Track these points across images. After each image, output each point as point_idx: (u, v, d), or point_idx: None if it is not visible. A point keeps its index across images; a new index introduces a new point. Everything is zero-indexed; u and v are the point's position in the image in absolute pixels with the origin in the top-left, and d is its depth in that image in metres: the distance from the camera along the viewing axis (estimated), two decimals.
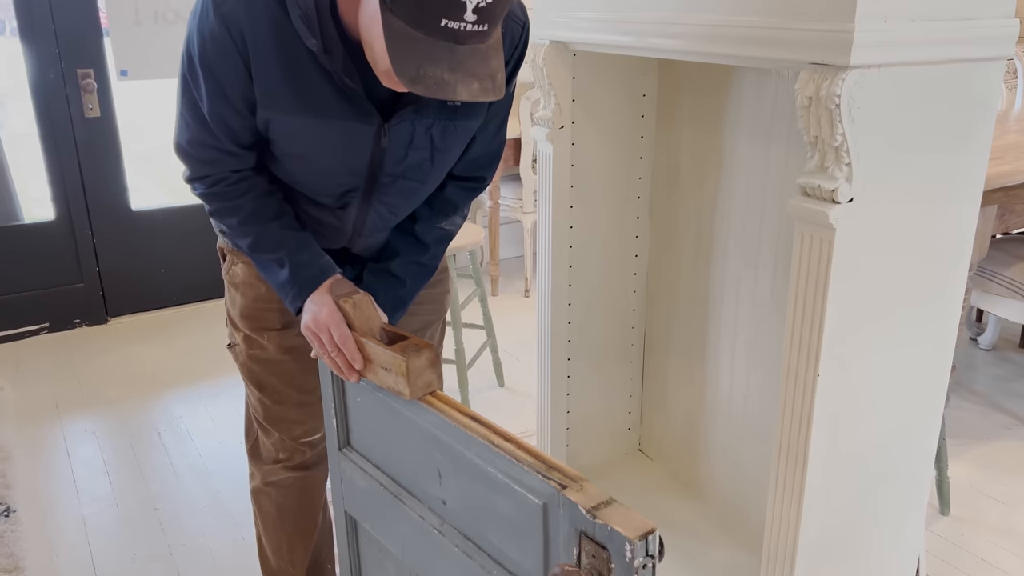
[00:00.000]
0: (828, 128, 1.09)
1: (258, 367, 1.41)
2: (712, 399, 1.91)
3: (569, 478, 0.91)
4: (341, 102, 1.14)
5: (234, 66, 1.10)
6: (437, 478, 1.11)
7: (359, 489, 1.29)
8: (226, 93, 1.13)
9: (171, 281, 3.50)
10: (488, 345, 2.68)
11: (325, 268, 1.25)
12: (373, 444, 1.25)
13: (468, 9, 0.93)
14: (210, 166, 1.21)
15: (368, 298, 1.21)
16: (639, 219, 1.98)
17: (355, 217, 1.29)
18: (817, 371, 1.20)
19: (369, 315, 1.20)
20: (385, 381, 1.12)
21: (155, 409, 2.72)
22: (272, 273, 1.26)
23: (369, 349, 1.14)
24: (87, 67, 3.15)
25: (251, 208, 1.24)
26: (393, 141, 1.19)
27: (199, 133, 1.18)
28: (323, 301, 1.20)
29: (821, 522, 1.30)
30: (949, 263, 1.29)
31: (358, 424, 1.27)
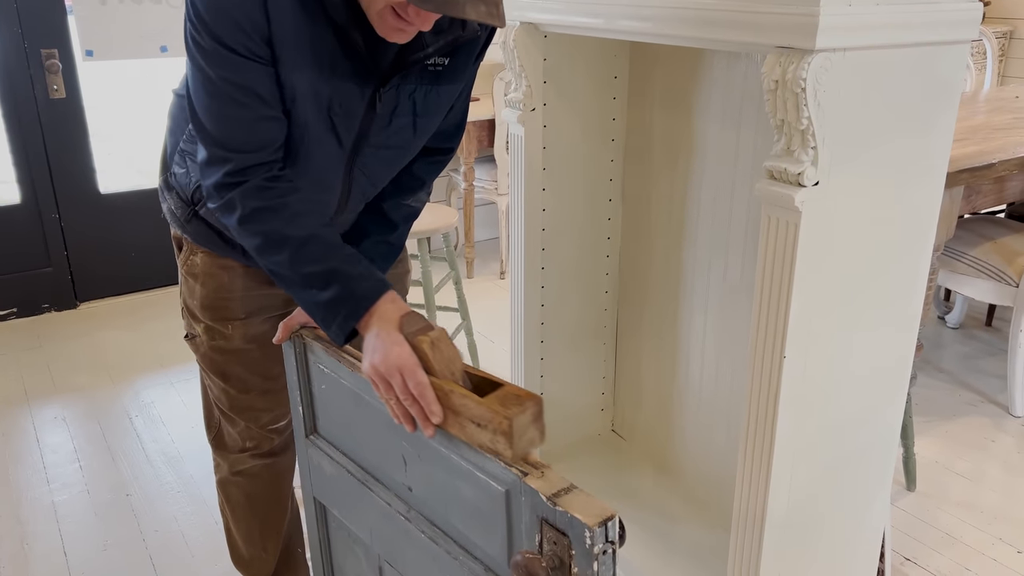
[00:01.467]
0: (794, 112, 1.09)
1: (221, 357, 1.38)
2: (684, 380, 1.93)
3: (531, 465, 0.91)
4: (345, 61, 1.11)
5: (256, 6, 1.03)
6: (403, 465, 1.11)
7: (327, 476, 1.29)
8: (247, 43, 1.05)
9: (141, 265, 3.45)
10: (463, 328, 2.68)
11: (380, 281, 1.09)
12: (339, 431, 1.24)
13: None
14: (248, 154, 1.09)
15: (446, 334, 1.03)
16: (611, 202, 1.98)
17: (339, 192, 1.26)
18: (783, 352, 1.21)
19: (450, 356, 1.01)
20: (476, 438, 0.94)
21: (126, 395, 2.69)
22: (312, 294, 1.09)
23: (455, 400, 0.96)
24: (51, 47, 3.08)
25: (295, 209, 1.10)
26: (383, 107, 1.17)
27: (228, 107, 1.07)
28: (393, 339, 1.01)
29: (788, 499, 1.32)
30: (914, 245, 1.31)
31: (324, 411, 1.26)
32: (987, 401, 2.54)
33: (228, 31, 1.05)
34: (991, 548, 1.88)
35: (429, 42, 1.16)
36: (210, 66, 1.07)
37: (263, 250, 1.11)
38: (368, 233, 1.34)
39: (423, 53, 1.16)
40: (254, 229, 1.10)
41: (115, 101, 4.06)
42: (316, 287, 1.08)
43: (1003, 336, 2.97)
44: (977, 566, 1.82)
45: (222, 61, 1.06)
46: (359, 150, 1.22)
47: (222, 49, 1.06)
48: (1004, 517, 1.98)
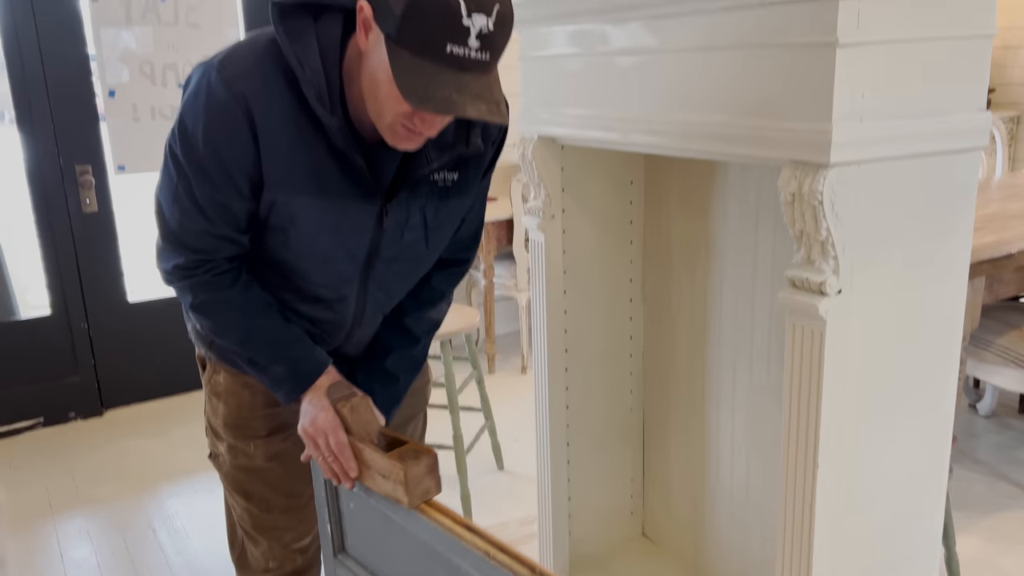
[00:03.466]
0: (812, 223, 1.11)
1: (244, 476, 1.38)
2: (714, 482, 1.89)
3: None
4: (347, 182, 1.15)
5: (242, 143, 1.09)
6: None
7: None
8: (230, 173, 1.10)
9: (166, 371, 3.48)
10: (486, 428, 2.66)
11: (321, 360, 1.25)
12: (369, 551, 1.23)
13: (472, 35, 0.98)
14: (202, 254, 1.18)
15: (366, 401, 1.20)
16: (632, 301, 2.00)
17: (354, 307, 1.28)
18: (816, 462, 1.19)
19: (367, 419, 1.19)
20: (383, 488, 1.11)
21: (150, 505, 2.68)
22: (262, 369, 1.24)
23: (367, 455, 1.13)
24: (85, 163, 3.20)
25: (241, 300, 1.21)
26: (391, 222, 1.20)
27: (194, 219, 1.14)
28: (321, 404, 1.19)
29: None
30: (941, 344, 1.30)
31: (353, 530, 1.25)
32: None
33: (210, 155, 1.10)
34: None
35: (433, 157, 1.20)
36: (181, 178, 1.13)
37: (215, 332, 1.24)
38: (392, 348, 1.35)
39: (428, 168, 1.19)
40: (205, 315, 1.22)
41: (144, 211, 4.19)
42: (263, 366, 1.23)
43: None
44: None
45: (197, 179, 1.12)
46: (372, 265, 1.25)
47: (196, 172, 1.11)
48: None
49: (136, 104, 3.22)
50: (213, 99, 1.08)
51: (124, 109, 3.20)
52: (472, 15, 0.97)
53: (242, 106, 1.08)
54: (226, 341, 1.24)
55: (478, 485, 2.59)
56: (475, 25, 0.98)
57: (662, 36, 1.33)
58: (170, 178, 1.15)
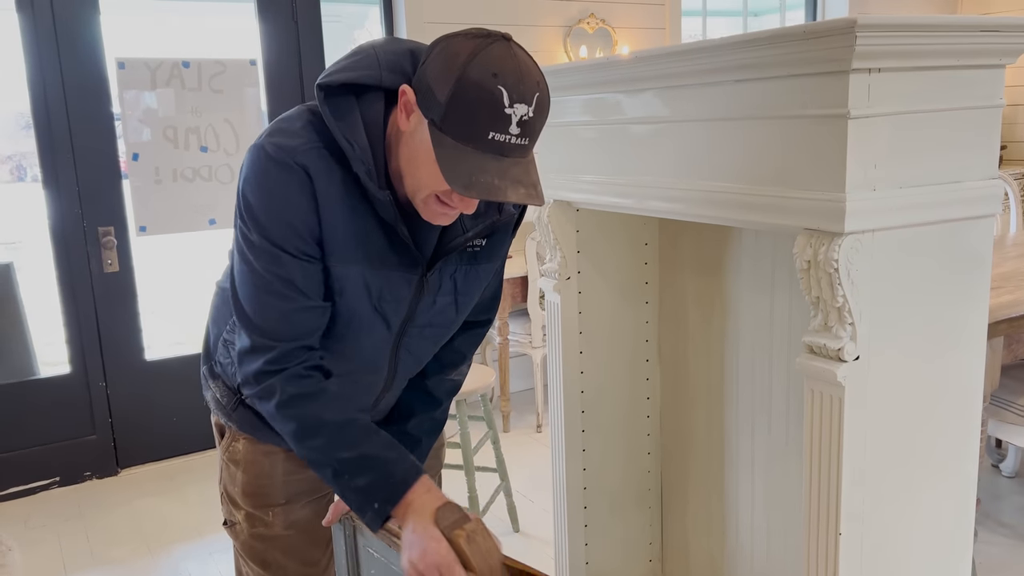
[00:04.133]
0: (828, 290, 1.13)
1: (262, 544, 1.37)
2: (734, 544, 1.87)
3: None
4: (393, 253, 1.18)
5: (308, 206, 1.11)
6: None
7: None
8: (303, 236, 1.11)
9: (183, 429, 3.49)
10: (502, 489, 2.64)
11: (414, 466, 1.14)
12: None
13: (513, 123, 1.02)
14: (292, 340, 1.14)
15: (482, 526, 1.06)
16: (648, 362, 2.00)
17: (386, 374, 1.30)
18: (839, 529, 1.18)
19: (488, 549, 1.03)
20: None
21: (164, 566, 2.66)
22: (347, 480, 1.12)
23: None
24: (108, 225, 3.27)
25: (332, 395, 1.15)
26: (428, 290, 1.23)
27: (277, 298, 1.12)
28: (430, 534, 1.04)
29: None
30: (961, 407, 1.29)
31: None
32: None
33: (280, 232, 1.12)
34: None
35: (469, 226, 1.23)
36: (258, 261, 1.14)
37: (299, 435, 1.16)
38: (414, 411, 1.37)
39: (463, 237, 1.23)
40: (291, 414, 1.15)
41: (163, 271, 4.25)
42: (351, 473, 1.13)
43: None
44: None
45: (271, 258, 1.13)
46: (405, 331, 1.27)
47: (272, 247, 1.13)
48: None
49: (159, 167, 3.29)
50: (273, 166, 1.10)
51: (147, 172, 3.28)
52: (515, 104, 1.01)
53: (303, 175, 1.10)
54: (308, 446, 1.14)
55: None
56: (516, 113, 1.02)
57: (675, 106, 1.36)
58: (246, 264, 1.14)
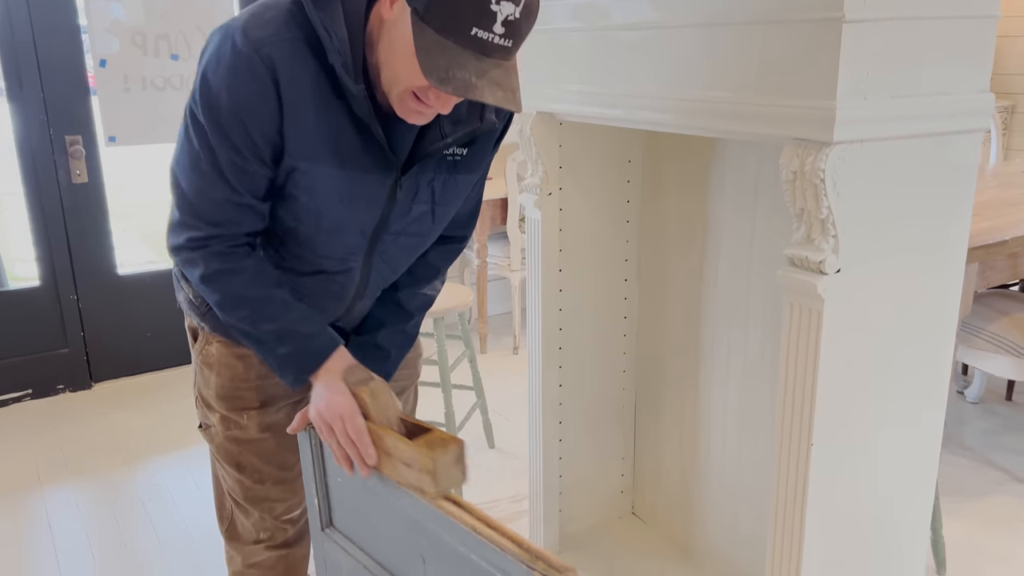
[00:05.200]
0: (814, 201, 1.11)
1: (237, 448, 1.37)
2: (705, 460, 1.90)
3: (555, 569, 0.90)
4: (366, 153, 1.14)
5: (268, 107, 1.07)
6: (421, 563, 1.09)
7: (344, 571, 1.26)
8: (255, 139, 1.08)
9: (157, 345, 3.47)
10: (478, 406, 2.67)
11: (332, 340, 1.20)
12: (356, 525, 1.22)
13: (498, 21, 0.98)
14: (221, 226, 1.14)
15: (385, 385, 1.15)
16: (627, 281, 2.00)
17: (358, 280, 1.27)
18: (811, 440, 1.20)
19: (387, 404, 1.13)
20: (405, 478, 1.06)
21: (139, 478, 2.67)
22: (268, 348, 1.19)
23: (388, 443, 1.07)
24: (75, 134, 3.16)
25: (253, 272, 1.18)
26: (402, 195, 1.19)
27: (216, 187, 1.11)
28: (337, 388, 1.13)
29: None
30: (937, 326, 1.30)
31: (340, 504, 1.25)
32: (1013, 479, 2.49)
33: (229, 126, 1.08)
34: None
35: (448, 132, 1.19)
36: (200, 144, 1.10)
37: (223, 307, 1.19)
38: (384, 323, 1.35)
39: (442, 143, 1.19)
40: (215, 287, 1.18)
41: (134, 183, 4.15)
42: (272, 343, 1.19)
43: None
44: None
45: (219, 143, 1.09)
46: (379, 238, 1.24)
47: (216, 136, 1.08)
48: None
49: (127, 75, 3.17)
50: (238, 61, 1.06)
51: (115, 80, 3.16)
52: (501, 1, 0.97)
53: (269, 69, 1.05)
54: (233, 316, 1.20)
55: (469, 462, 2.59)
56: (503, 12, 0.97)
57: (665, 11, 1.32)
58: (190, 144, 1.12)
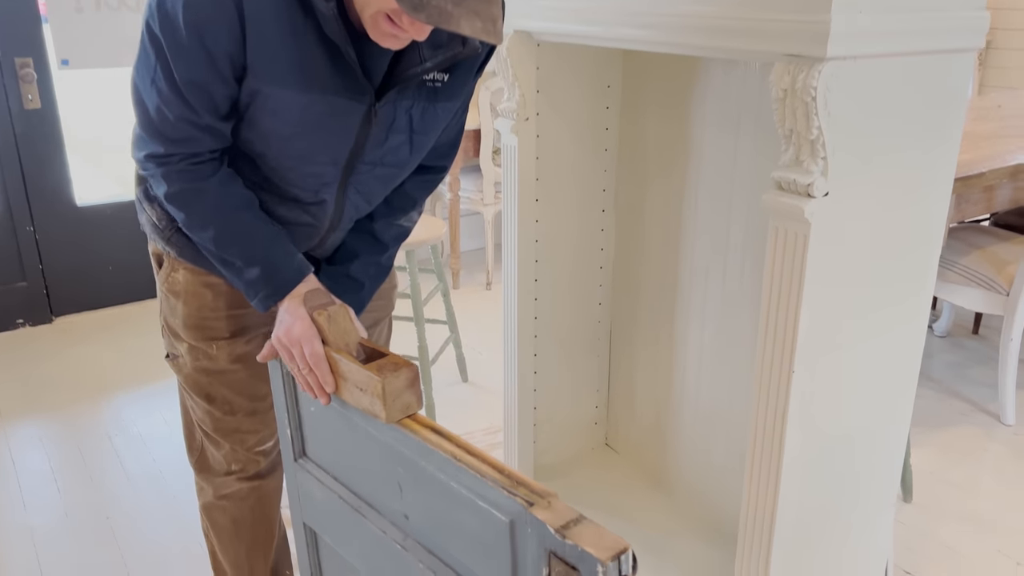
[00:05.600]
0: (804, 121, 1.07)
1: (206, 378, 1.33)
2: (680, 391, 1.89)
3: (536, 494, 0.87)
4: (336, 77, 1.07)
5: (229, 27, 1.00)
6: (398, 491, 1.06)
7: (317, 501, 1.24)
8: (214, 57, 1.02)
9: (119, 278, 3.37)
10: (451, 340, 2.64)
11: (301, 267, 1.16)
12: (330, 454, 1.19)
13: None
14: (181, 144, 1.09)
15: (345, 310, 1.13)
16: (604, 212, 1.95)
17: (332, 211, 1.22)
18: (792, 367, 1.18)
19: (345, 329, 1.12)
20: (360, 402, 1.05)
21: (105, 413, 2.62)
22: (237, 272, 1.15)
23: (343, 367, 1.07)
24: (26, 56, 3.00)
25: (220, 192, 1.13)
26: (378, 123, 1.13)
27: (173, 105, 1.05)
28: (297, 313, 1.11)
29: (796, 517, 1.29)
30: (921, 254, 1.28)
31: (313, 434, 1.21)
32: (978, 410, 2.53)
33: (192, 34, 1.01)
34: (990, 561, 1.86)
35: (427, 56, 1.12)
36: (160, 60, 1.04)
37: (188, 226, 1.15)
38: (358, 254, 1.30)
39: (420, 68, 1.12)
40: (180, 206, 1.13)
41: (92, 110, 3.98)
42: (239, 267, 1.15)
43: (990, 344, 2.97)
44: None
45: (176, 60, 1.03)
46: (353, 168, 1.18)
47: (179, 50, 1.02)
48: (1001, 528, 1.97)
49: None
50: None
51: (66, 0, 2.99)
52: None
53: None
54: (200, 237, 1.15)
55: (442, 396, 2.58)
56: None
57: None
58: (148, 59, 1.05)
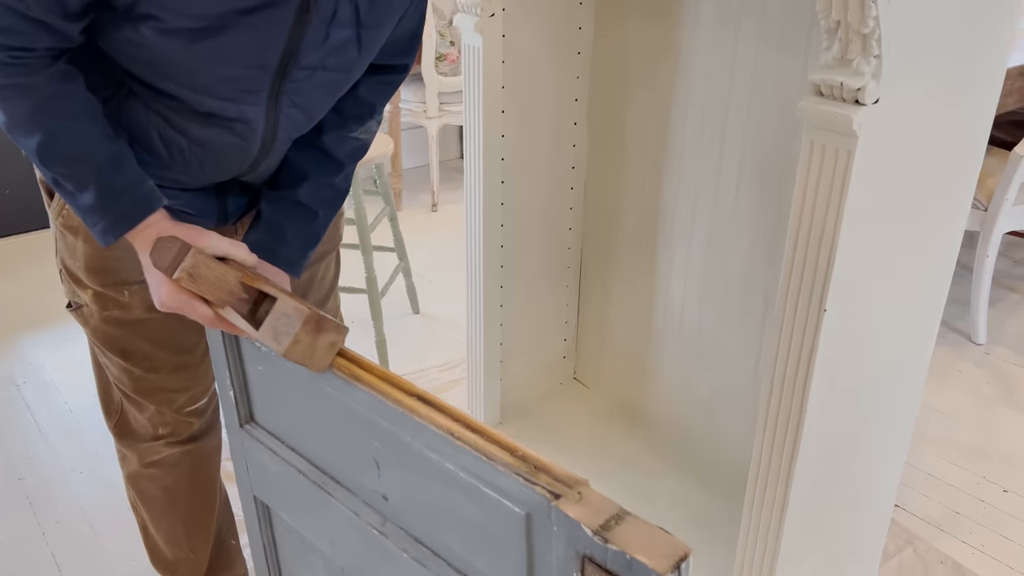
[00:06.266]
0: (857, 9, 0.87)
1: (119, 331, 1.10)
2: (661, 322, 1.74)
3: (561, 483, 0.69)
4: None
5: None
6: (375, 468, 0.87)
7: (270, 473, 1.04)
8: None
9: (17, 204, 3.01)
10: (400, 269, 2.42)
11: (146, 198, 0.92)
12: (285, 421, 0.99)
13: None
14: (5, 35, 0.84)
15: (201, 254, 0.87)
16: (576, 125, 1.74)
17: (263, 129, 0.97)
18: (824, 305, 1.02)
19: (219, 277, 0.88)
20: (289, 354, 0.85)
21: (10, 357, 2.33)
22: (68, 194, 0.92)
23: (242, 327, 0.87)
24: None
25: (49, 91, 0.88)
26: (315, 17, 0.88)
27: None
28: (158, 277, 0.89)
29: (816, 462, 1.16)
30: (965, 164, 1.12)
31: (263, 396, 1.01)
32: (948, 329, 2.46)
33: None
34: (976, 488, 1.80)
35: None
36: None
37: (10, 130, 0.90)
38: (308, 175, 1.06)
39: None
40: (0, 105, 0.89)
41: None
42: (71, 188, 0.91)
43: (961, 261, 2.91)
44: (967, 509, 1.74)
45: None
46: (287, 74, 0.92)
47: None
48: (984, 453, 1.91)
49: None
50: None
51: None
52: None
53: None
54: (23, 146, 0.91)
55: (394, 330, 2.38)
56: None
57: None
58: None
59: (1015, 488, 1.81)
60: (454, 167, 3.78)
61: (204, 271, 0.87)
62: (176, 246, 0.88)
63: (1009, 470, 1.86)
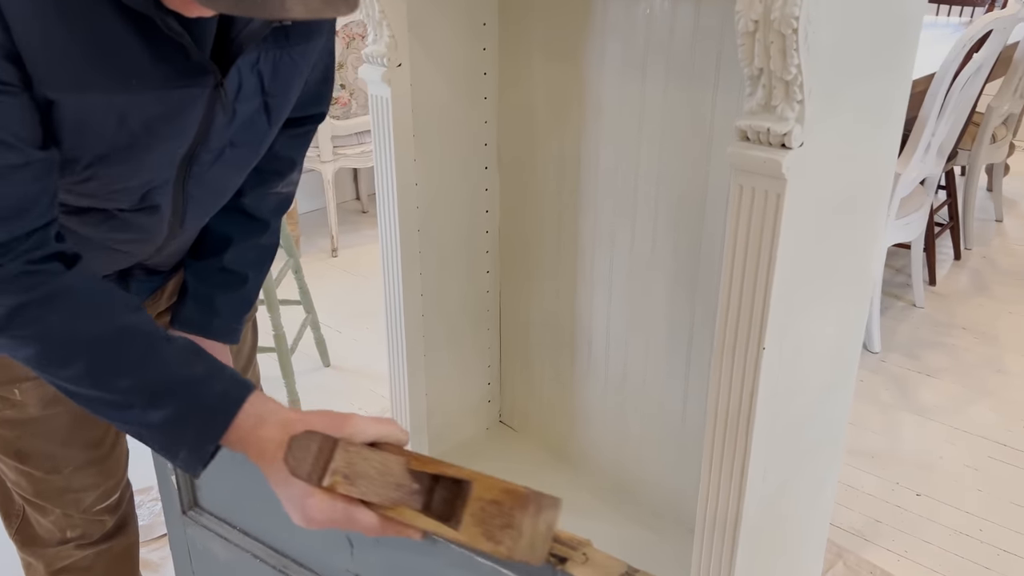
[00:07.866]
0: (780, 59, 0.90)
1: (14, 432, 0.99)
2: (585, 361, 1.74)
3: (564, 544, 0.67)
4: (161, 62, 0.74)
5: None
6: (347, 546, 0.82)
7: (219, 562, 0.96)
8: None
9: None
10: (308, 322, 2.33)
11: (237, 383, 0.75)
12: (236, 503, 0.92)
13: None
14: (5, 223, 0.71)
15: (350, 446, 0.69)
16: (487, 169, 1.73)
17: (169, 216, 0.89)
18: (762, 344, 1.04)
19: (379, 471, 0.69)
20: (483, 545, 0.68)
21: None
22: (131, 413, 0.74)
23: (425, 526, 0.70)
24: None
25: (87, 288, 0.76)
26: (221, 99, 0.81)
27: None
28: (297, 491, 0.69)
29: (760, 497, 1.17)
30: (876, 199, 1.18)
31: (209, 478, 0.93)
32: None
33: None
34: (892, 495, 1.88)
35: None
36: None
37: (45, 364, 0.75)
38: (232, 239, 1.00)
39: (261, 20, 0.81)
40: (24, 335, 0.74)
41: None
42: (136, 406, 0.74)
43: None
44: (886, 516, 1.81)
45: None
46: (196, 160, 0.86)
47: None
48: (893, 459, 2.01)
49: None
50: None
51: None
52: None
53: None
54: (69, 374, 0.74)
55: (306, 385, 2.28)
56: None
57: None
58: None
59: (927, 491, 1.90)
60: (350, 208, 3.70)
61: (362, 466, 0.68)
62: (315, 442, 0.69)
63: (918, 474, 1.96)
